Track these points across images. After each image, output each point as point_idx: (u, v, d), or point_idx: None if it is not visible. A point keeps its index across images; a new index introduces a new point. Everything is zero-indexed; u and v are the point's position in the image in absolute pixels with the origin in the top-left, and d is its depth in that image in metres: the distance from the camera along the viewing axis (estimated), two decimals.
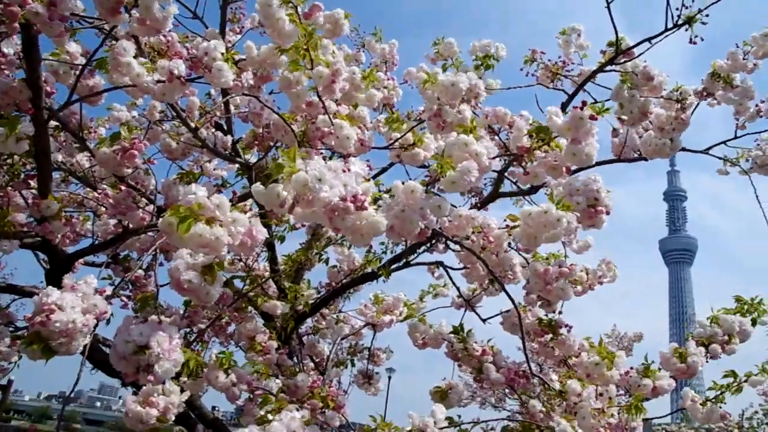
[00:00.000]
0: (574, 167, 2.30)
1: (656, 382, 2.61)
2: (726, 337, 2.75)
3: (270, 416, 2.12)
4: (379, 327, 3.88)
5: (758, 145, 3.48)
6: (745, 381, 2.63)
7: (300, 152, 1.76)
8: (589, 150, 2.13)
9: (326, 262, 4.55)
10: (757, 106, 3.45)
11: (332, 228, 1.74)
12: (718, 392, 2.62)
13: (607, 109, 2.22)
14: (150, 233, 3.41)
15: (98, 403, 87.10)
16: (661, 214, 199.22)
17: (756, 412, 13.03)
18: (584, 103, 2.10)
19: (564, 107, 3.45)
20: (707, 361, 2.72)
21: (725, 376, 2.65)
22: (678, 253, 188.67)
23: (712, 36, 3.34)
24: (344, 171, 1.69)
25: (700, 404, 2.61)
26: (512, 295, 2.69)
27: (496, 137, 3.40)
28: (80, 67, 2.52)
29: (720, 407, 2.58)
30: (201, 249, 1.56)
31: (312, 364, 4.39)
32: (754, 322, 2.82)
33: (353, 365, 4.48)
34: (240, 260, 4.20)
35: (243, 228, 1.62)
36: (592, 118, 2.07)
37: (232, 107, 3.41)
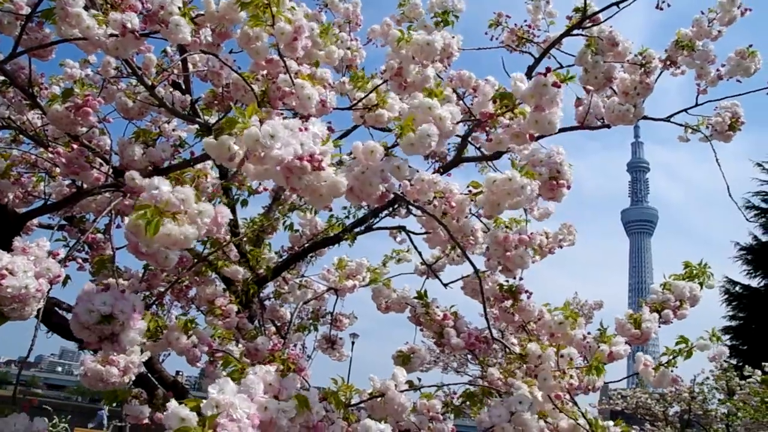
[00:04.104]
0: (537, 135, 2.28)
1: (612, 348, 2.64)
2: (678, 303, 2.80)
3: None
4: (341, 292, 3.87)
5: (717, 112, 3.52)
6: (694, 346, 2.69)
7: (260, 112, 1.71)
8: (552, 118, 2.09)
9: (290, 228, 4.51)
10: (718, 70, 3.50)
11: (289, 188, 1.70)
12: (670, 357, 2.68)
13: (572, 77, 2.20)
14: (106, 194, 3.30)
15: (59, 368, 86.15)
16: (623, 186, 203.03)
17: (707, 378, 13.44)
18: (548, 70, 2.06)
19: (530, 71, 3.43)
20: (660, 327, 2.76)
21: (678, 343, 2.71)
22: (639, 223, 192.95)
23: (666, 13, 3.38)
24: (302, 130, 1.65)
25: (653, 369, 2.66)
26: (473, 260, 2.69)
27: (461, 102, 3.37)
28: (26, 18, 2.40)
29: (672, 371, 2.63)
30: (171, 246, 1.52)
31: (274, 329, 4.37)
32: (701, 286, 2.88)
33: (316, 330, 4.48)
34: None
35: (209, 218, 1.57)
36: (555, 85, 2.03)
37: (190, 65, 3.29)
